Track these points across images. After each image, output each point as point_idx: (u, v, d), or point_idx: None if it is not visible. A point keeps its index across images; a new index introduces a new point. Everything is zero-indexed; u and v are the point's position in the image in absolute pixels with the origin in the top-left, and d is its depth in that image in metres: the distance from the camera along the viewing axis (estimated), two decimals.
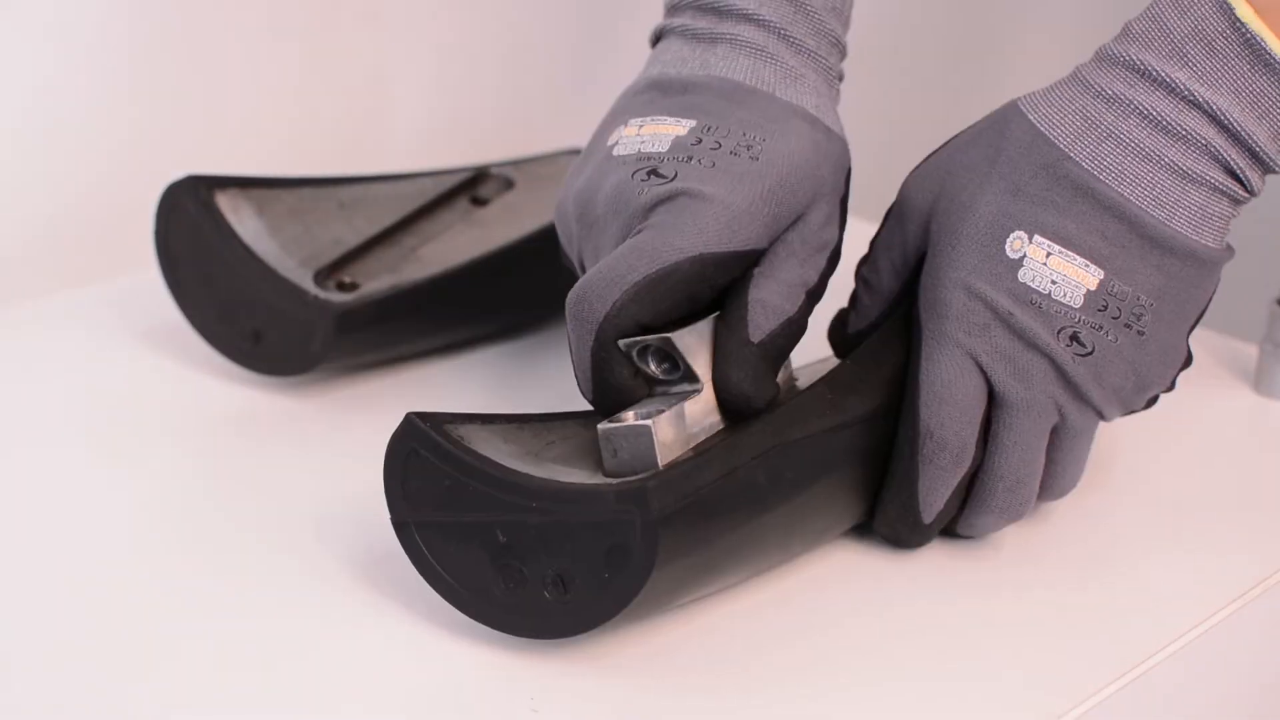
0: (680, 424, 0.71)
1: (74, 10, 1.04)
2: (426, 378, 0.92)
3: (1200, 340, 0.95)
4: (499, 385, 0.83)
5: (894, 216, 0.79)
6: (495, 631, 0.71)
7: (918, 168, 0.79)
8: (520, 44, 1.23)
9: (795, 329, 0.74)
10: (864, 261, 0.80)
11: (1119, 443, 0.85)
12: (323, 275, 0.89)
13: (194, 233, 0.88)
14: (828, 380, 0.75)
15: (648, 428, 0.70)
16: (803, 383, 0.77)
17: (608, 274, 0.72)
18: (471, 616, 0.70)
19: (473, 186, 0.98)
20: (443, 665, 0.71)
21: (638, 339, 0.72)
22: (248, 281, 0.87)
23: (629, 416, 0.71)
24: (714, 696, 0.70)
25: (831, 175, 0.76)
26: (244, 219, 0.89)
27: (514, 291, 0.93)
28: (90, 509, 0.81)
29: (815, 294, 0.76)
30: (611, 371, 0.72)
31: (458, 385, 0.91)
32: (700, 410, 0.72)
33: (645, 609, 0.69)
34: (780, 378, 0.75)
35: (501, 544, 0.68)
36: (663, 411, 0.70)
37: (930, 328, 0.75)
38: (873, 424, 0.75)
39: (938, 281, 0.75)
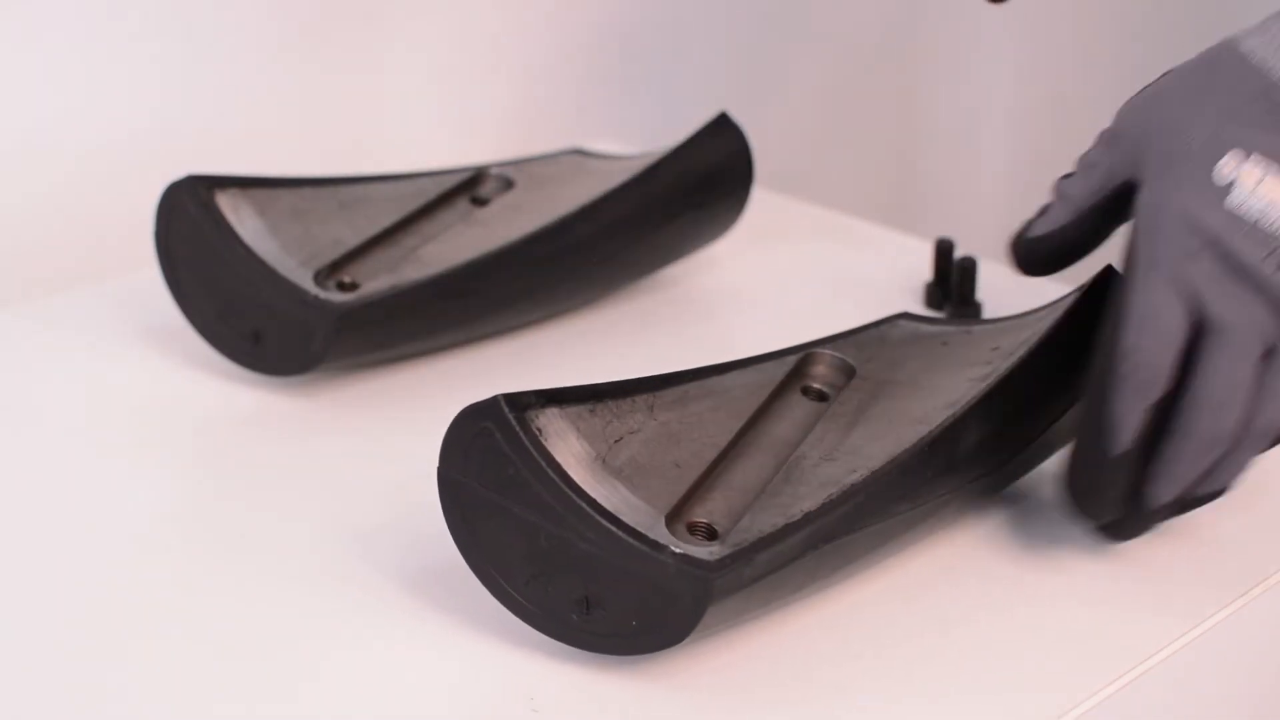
0: None
1: (73, 10, 1.04)
2: (427, 377, 0.92)
3: None
4: (501, 385, 0.82)
5: (1103, 139, 0.80)
6: (495, 631, 0.71)
7: (1133, 98, 0.79)
8: (521, 44, 1.23)
9: None
10: (1065, 176, 0.81)
11: None
12: (323, 275, 0.89)
13: (194, 233, 0.88)
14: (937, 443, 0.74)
15: None
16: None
17: None
18: (484, 584, 0.70)
19: (473, 186, 0.98)
20: (442, 664, 0.71)
21: None
22: (248, 281, 0.87)
23: None
24: (715, 695, 0.70)
25: None
26: (244, 219, 0.89)
27: (515, 291, 0.93)
28: (90, 509, 0.81)
29: None
30: None
31: (459, 385, 0.91)
32: None
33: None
34: None
35: (542, 548, 0.68)
36: None
37: (1142, 252, 0.75)
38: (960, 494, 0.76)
39: (1149, 206, 0.75)
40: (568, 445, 0.70)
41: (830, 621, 0.74)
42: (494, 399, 0.69)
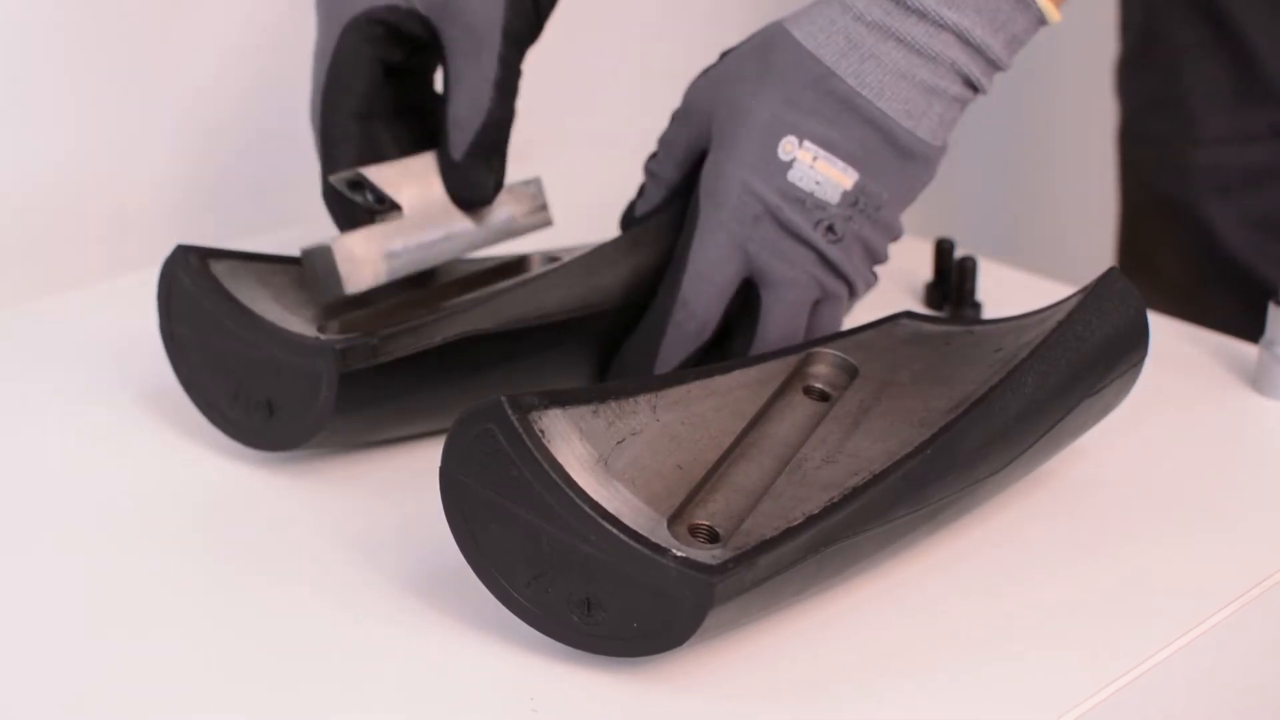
0: (374, 242, 0.83)
1: (75, 13, 1.04)
2: None
3: (1200, 340, 0.95)
4: None
5: (678, 118, 0.88)
6: (496, 631, 0.71)
7: (698, 78, 0.88)
8: None
9: (499, 122, 0.86)
10: (651, 156, 0.90)
11: (1121, 442, 0.85)
12: (330, 329, 0.83)
13: (193, 306, 0.82)
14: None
15: (328, 247, 0.82)
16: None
17: (313, 97, 0.88)
18: (485, 584, 0.70)
19: (511, 270, 0.92)
20: (443, 664, 0.71)
21: (342, 174, 0.85)
22: (252, 344, 0.81)
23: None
24: (715, 697, 0.70)
25: None
26: (244, 288, 0.83)
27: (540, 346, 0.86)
28: (90, 509, 0.81)
29: (503, 82, 0.86)
30: (331, 195, 0.86)
31: None
32: (399, 229, 0.84)
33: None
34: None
35: (544, 550, 0.68)
36: (354, 231, 0.83)
37: (706, 214, 0.84)
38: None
39: (718, 174, 0.84)
40: (570, 447, 0.70)
41: (831, 624, 0.74)
42: (496, 400, 0.69)
